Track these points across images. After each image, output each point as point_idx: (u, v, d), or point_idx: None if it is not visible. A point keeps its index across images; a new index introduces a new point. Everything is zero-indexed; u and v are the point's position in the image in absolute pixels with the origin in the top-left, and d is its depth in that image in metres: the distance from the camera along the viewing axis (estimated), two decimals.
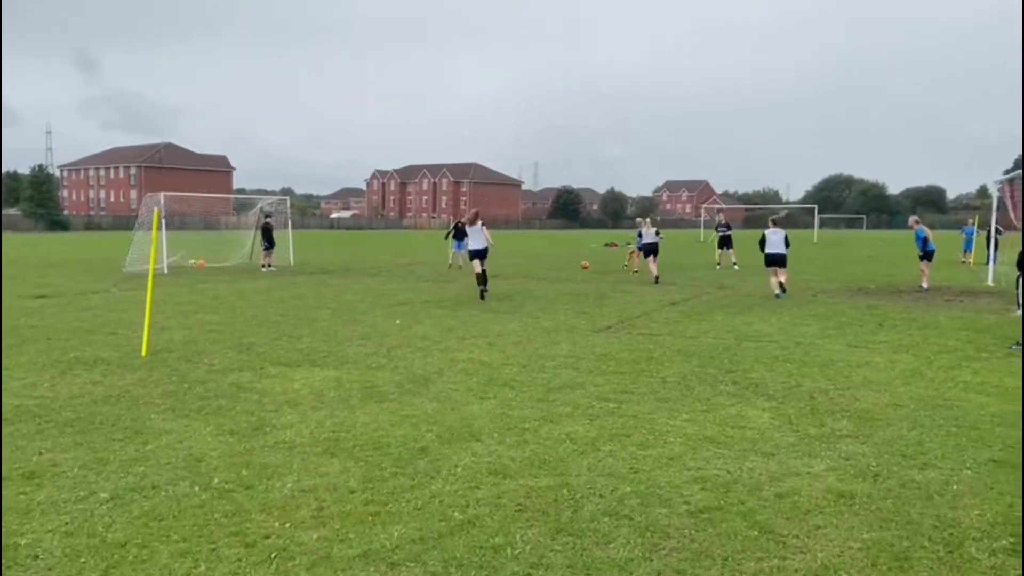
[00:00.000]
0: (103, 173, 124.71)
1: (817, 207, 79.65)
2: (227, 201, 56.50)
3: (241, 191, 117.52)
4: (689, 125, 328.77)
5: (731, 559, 3.99)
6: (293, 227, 31.32)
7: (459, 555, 4.02)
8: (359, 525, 4.40)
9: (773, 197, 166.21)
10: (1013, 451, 5.74)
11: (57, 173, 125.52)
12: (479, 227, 17.34)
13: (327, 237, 68.79)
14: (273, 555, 4.03)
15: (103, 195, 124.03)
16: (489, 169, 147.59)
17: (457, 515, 4.54)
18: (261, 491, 4.92)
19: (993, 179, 22.73)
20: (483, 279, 17.08)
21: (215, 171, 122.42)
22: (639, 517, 4.51)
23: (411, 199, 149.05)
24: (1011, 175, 20.65)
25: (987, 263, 21.42)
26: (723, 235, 26.98)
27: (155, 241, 10.69)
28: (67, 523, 4.42)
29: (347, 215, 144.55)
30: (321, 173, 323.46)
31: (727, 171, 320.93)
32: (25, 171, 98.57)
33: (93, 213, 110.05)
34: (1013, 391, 7.69)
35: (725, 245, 26.75)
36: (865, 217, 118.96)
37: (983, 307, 14.88)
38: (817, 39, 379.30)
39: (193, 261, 26.41)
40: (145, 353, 9.51)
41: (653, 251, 20.79)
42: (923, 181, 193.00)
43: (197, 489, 4.95)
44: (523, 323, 12.50)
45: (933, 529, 4.35)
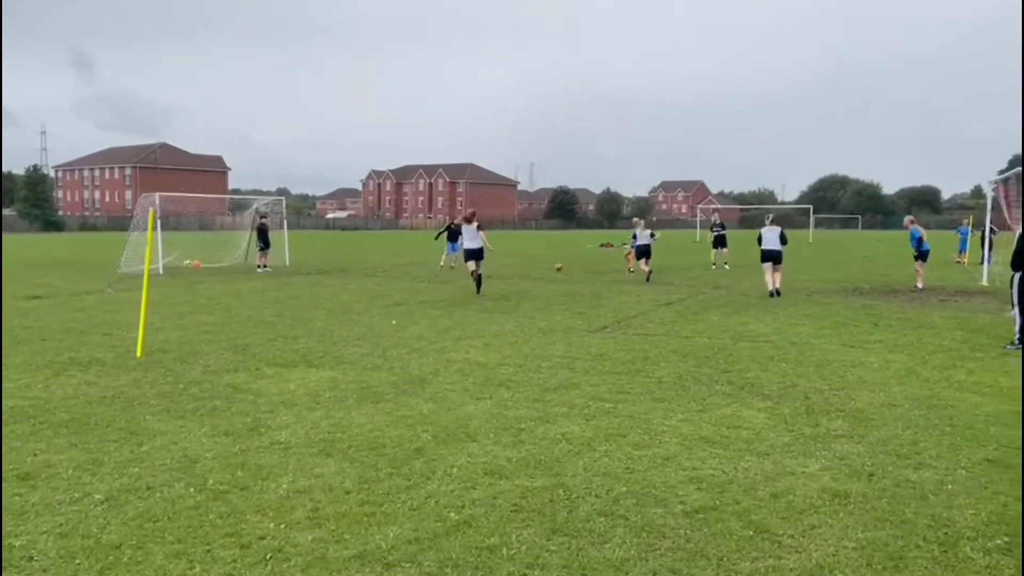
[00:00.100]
0: (98, 173, 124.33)
1: (812, 207, 79.83)
2: (223, 201, 56.40)
3: (237, 191, 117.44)
4: (686, 125, 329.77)
5: (726, 559, 4.00)
6: (289, 227, 31.31)
7: (455, 555, 4.02)
8: (355, 526, 4.40)
9: (768, 197, 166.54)
10: (1007, 451, 5.75)
11: (52, 173, 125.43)
12: (474, 227, 17.35)
13: (323, 237, 68.74)
14: (268, 556, 4.03)
15: (98, 195, 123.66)
16: (485, 169, 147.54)
17: (453, 516, 4.54)
18: (256, 492, 4.92)
19: (988, 179, 22.81)
20: (478, 280, 17.12)
21: (210, 171, 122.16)
22: (635, 517, 4.51)
23: (407, 199, 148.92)
24: (1006, 175, 20.70)
25: (982, 263, 21.48)
26: (717, 235, 27.10)
27: (150, 241, 10.67)
28: (62, 524, 4.41)
29: (343, 215, 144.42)
30: (317, 173, 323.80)
31: (723, 171, 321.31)
32: (20, 171, 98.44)
33: (88, 214, 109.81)
34: (1008, 391, 7.71)
35: (719, 245, 26.88)
36: (860, 217, 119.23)
37: (978, 307, 14.93)
38: (813, 40, 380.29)
39: (188, 262, 26.36)
40: (140, 354, 9.49)
41: (646, 253, 21.11)
42: (918, 181, 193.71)
43: (192, 490, 4.94)
44: (519, 323, 12.50)
45: (928, 528, 4.36)
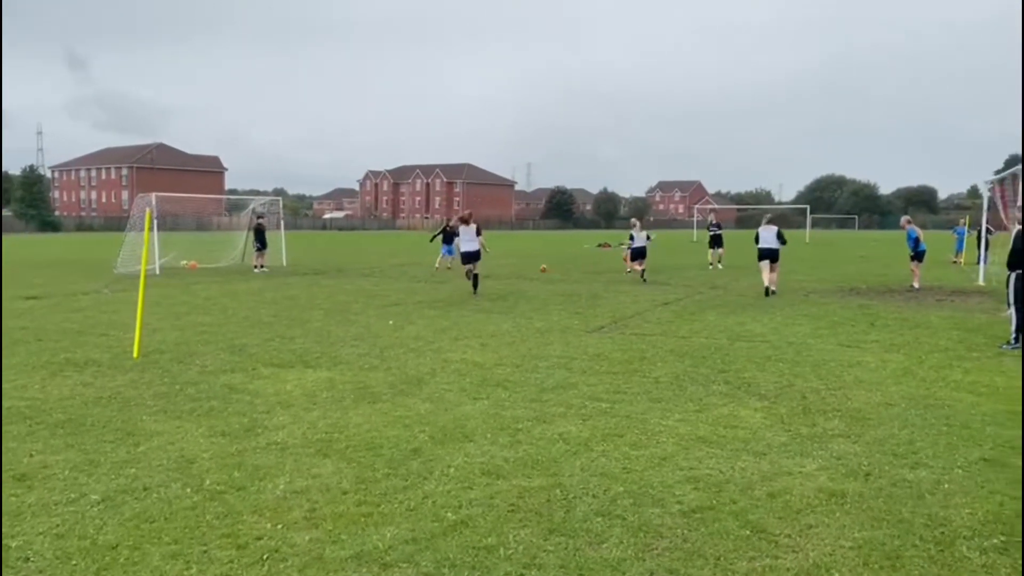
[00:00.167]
0: (94, 174, 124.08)
1: (809, 207, 79.98)
2: (219, 202, 56.33)
3: (233, 192, 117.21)
4: (683, 126, 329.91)
5: (723, 558, 4.00)
6: (286, 228, 31.27)
7: (452, 556, 4.02)
8: (352, 526, 4.39)
9: (765, 197, 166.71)
10: (1004, 450, 5.76)
11: (48, 174, 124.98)
12: (473, 229, 17.16)
13: (320, 238, 68.69)
14: (265, 557, 4.02)
15: (94, 196, 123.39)
16: (482, 169, 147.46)
17: (450, 516, 4.54)
18: (253, 492, 4.91)
19: (984, 179, 22.85)
20: (475, 280, 17.13)
21: (207, 172, 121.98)
22: (632, 517, 4.51)
23: (404, 199, 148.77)
24: (1002, 175, 20.75)
25: (978, 263, 21.53)
26: (714, 235, 27.22)
27: (147, 242, 10.65)
28: (58, 525, 4.40)
29: (340, 215, 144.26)
30: (314, 173, 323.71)
31: (720, 171, 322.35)
32: (16, 172, 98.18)
33: (84, 214, 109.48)
34: (1004, 390, 7.73)
35: (716, 245, 27.00)
36: (857, 217, 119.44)
37: (974, 306, 14.97)
38: (810, 40, 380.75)
39: (185, 262, 26.31)
40: (137, 354, 9.47)
41: (642, 255, 21.28)
42: (915, 181, 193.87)
43: (189, 491, 4.94)
44: (516, 323, 12.50)
45: (924, 528, 4.37)
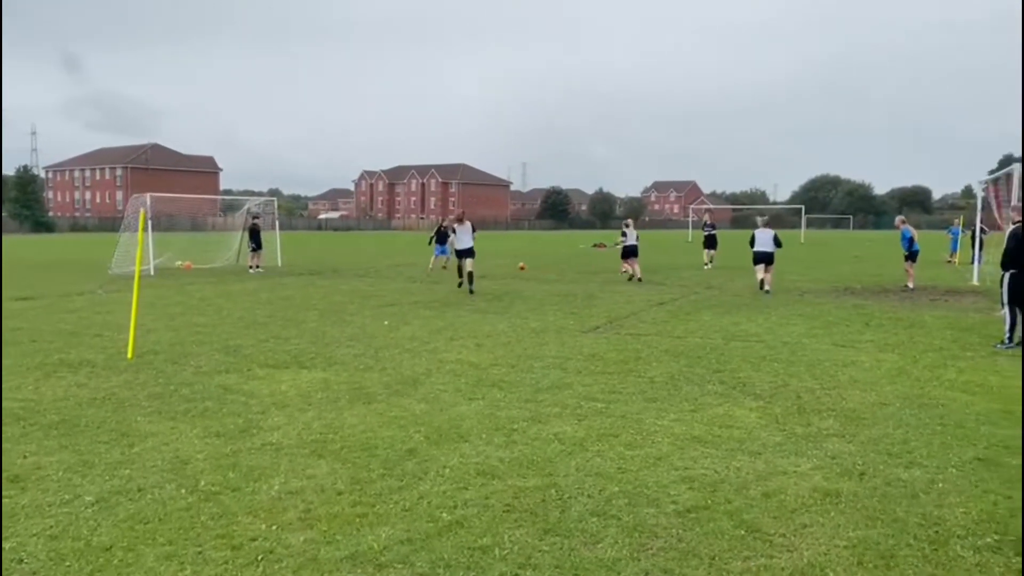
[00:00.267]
0: (89, 174, 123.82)
1: (804, 207, 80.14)
2: (214, 202, 56.34)
3: (228, 192, 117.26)
4: (678, 126, 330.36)
5: (718, 558, 4.01)
6: (280, 228, 31.22)
7: (447, 556, 4.02)
8: (347, 527, 4.39)
9: (760, 197, 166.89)
10: (998, 449, 5.78)
11: (42, 174, 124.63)
12: (468, 226, 17.96)
13: (315, 238, 68.61)
14: (260, 557, 4.01)
15: (89, 196, 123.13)
16: (477, 170, 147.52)
17: (445, 516, 4.54)
18: (248, 493, 4.90)
19: (978, 179, 22.92)
20: (470, 278, 17.49)
21: (202, 172, 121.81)
22: (627, 517, 4.52)
23: (399, 200, 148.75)
24: (996, 175, 20.80)
25: (972, 263, 21.59)
26: (708, 235, 27.30)
27: (141, 242, 10.63)
28: (52, 527, 4.39)
29: (335, 216, 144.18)
30: (309, 174, 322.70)
31: (715, 171, 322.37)
32: (10, 172, 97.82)
33: (79, 214, 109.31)
34: (998, 389, 7.75)
35: (710, 245, 27.05)
36: (852, 217, 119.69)
37: (968, 306, 15.01)
38: (806, 40, 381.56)
39: (180, 263, 26.27)
40: (131, 355, 9.45)
41: (634, 253, 21.46)
42: (909, 181, 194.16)
43: (183, 492, 4.92)
44: (511, 324, 12.50)
45: (918, 527, 4.38)
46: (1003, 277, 10.41)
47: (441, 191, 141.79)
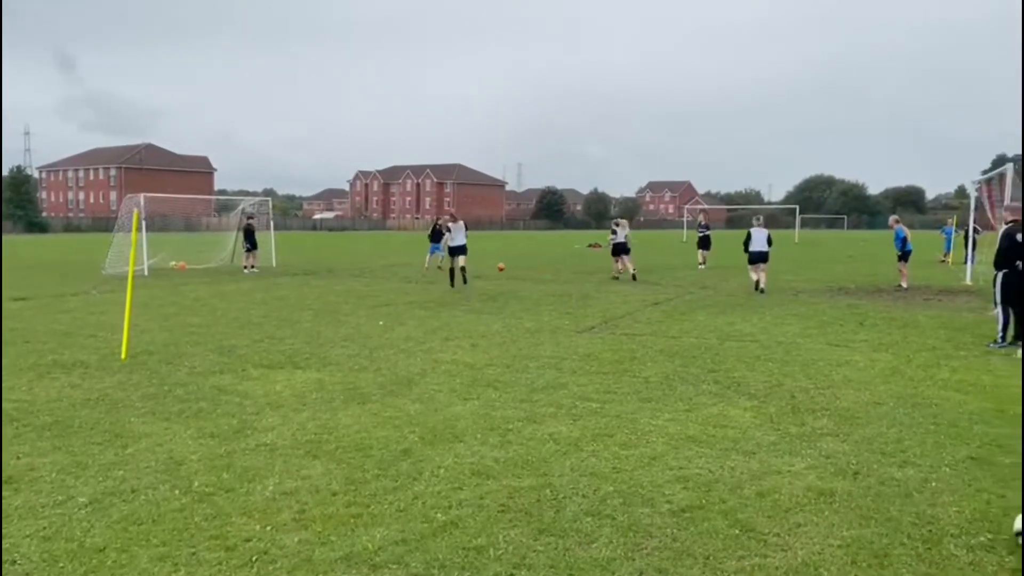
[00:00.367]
0: (82, 174, 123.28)
1: (798, 207, 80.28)
2: (208, 202, 56.17)
3: (223, 192, 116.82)
4: (673, 126, 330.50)
5: (712, 557, 4.01)
6: (275, 228, 31.18)
7: (441, 556, 4.02)
8: (341, 527, 4.38)
9: (755, 197, 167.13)
10: (991, 448, 5.81)
11: (36, 174, 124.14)
12: (461, 225, 18.93)
13: (310, 238, 68.50)
14: (254, 558, 4.01)
15: (82, 196, 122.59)
16: (472, 170, 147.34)
17: (440, 516, 4.54)
18: (242, 494, 4.89)
19: (971, 179, 23.02)
20: (463, 276, 18.24)
21: (196, 172, 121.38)
22: (621, 517, 4.52)
23: (394, 200, 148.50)
24: (989, 175, 20.89)
25: (965, 262, 21.67)
26: (701, 235, 27.36)
27: (135, 243, 10.60)
28: (45, 528, 4.37)
29: (330, 216, 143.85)
30: (303, 174, 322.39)
31: (710, 171, 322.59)
32: (3, 172, 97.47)
33: (72, 215, 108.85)
34: (991, 388, 7.78)
35: (703, 246, 27.11)
36: (846, 217, 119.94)
37: (961, 306, 15.06)
38: (801, 40, 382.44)
39: (174, 263, 26.20)
40: (125, 356, 9.42)
41: (624, 250, 21.79)
42: (903, 181, 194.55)
43: (177, 493, 4.91)
44: (506, 324, 12.50)
45: (912, 526, 4.40)
46: (996, 277, 10.45)
47: (436, 191, 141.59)
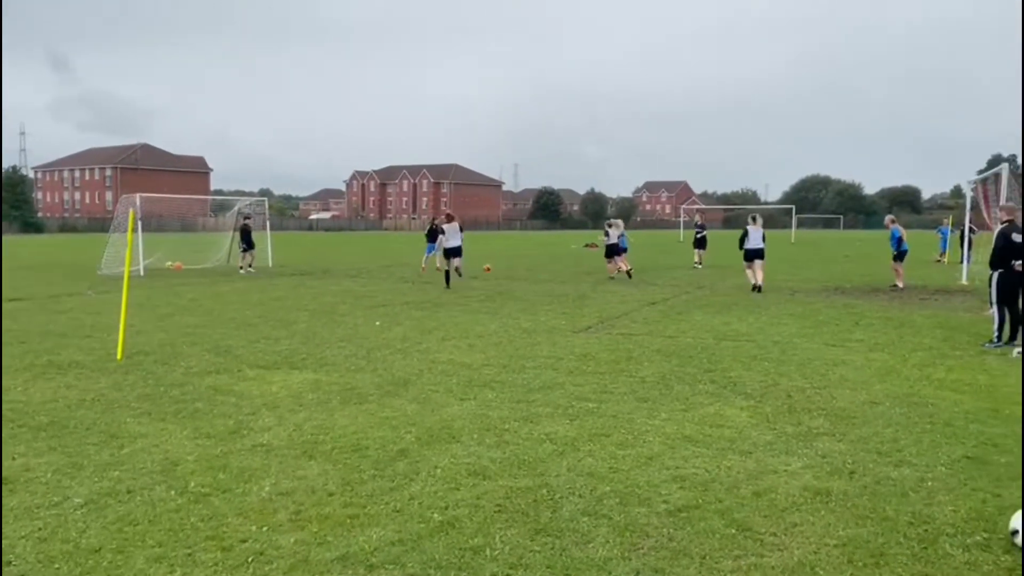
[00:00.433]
0: (78, 174, 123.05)
1: (795, 207, 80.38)
2: (204, 202, 56.04)
3: (219, 192, 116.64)
4: (670, 126, 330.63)
5: (709, 557, 4.02)
6: (271, 228, 31.13)
7: (438, 557, 4.02)
8: (337, 528, 4.38)
9: (752, 197, 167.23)
10: (986, 448, 5.82)
11: (31, 174, 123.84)
12: (456, 226, 19.05)
13: (306, 239, 68.43)
14: (250, 559, 4.00)
15: (78, 197, 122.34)
16: (469, 170, 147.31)
17: (436, 517, 4.53)
18: (238, 495, 4.89)
19: (967, 179, 23.06)
20: (457, 271, 18.86)
21: (192, 172, 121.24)
22: (618, 516, 4.52)
23: (391, 200, 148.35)
24: (984, 175, 20.94)
25: (961, 262, 21.71)
26: (698, 235, 27.43)
27: (130, 243, 10.57)
28: (40, 528, 4.36)
29: (326, 216, 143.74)
30: (300, 174, 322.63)
31: (707, 172, 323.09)
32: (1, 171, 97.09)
33: (68, 215, 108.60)
34: (987, 388, 7.80)
35: (699, 245, 27.17)
36: (842, 217, 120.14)
37: (957, 305, 15.10)
38: (798, 40, 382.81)
39: (170, 263, 26.16)
40: (120, 356, 9.40)
41: (615, 252, 22.03)
42: (899, 181, 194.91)
43: (173, 493, 4.90)
44: (503, 324, 12.50)
45: (908, 525, 4.40)
46: (991, 276, 10.47)
47: (433, 191, 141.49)
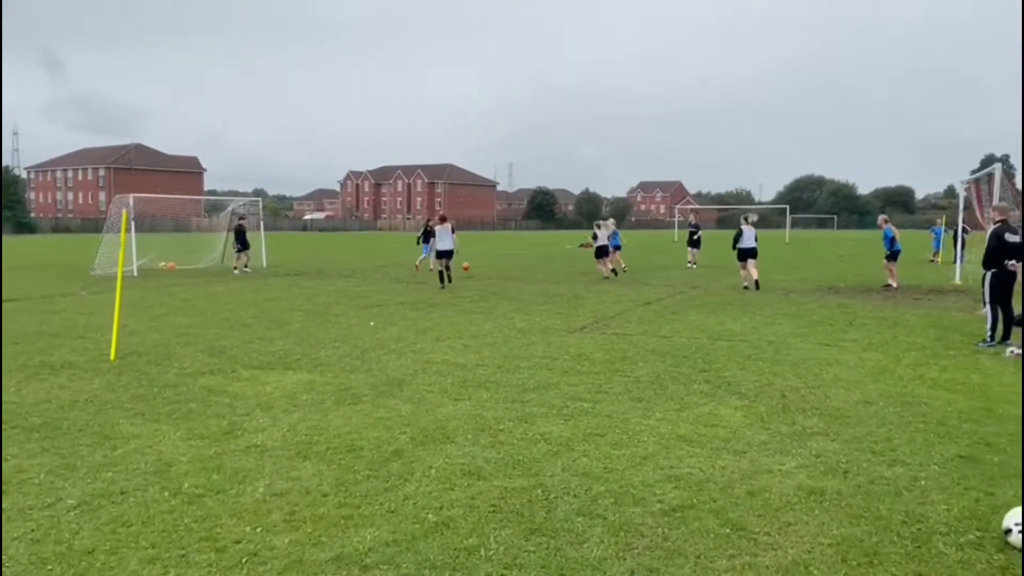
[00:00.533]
0: (71, 175, 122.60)
1: (789, 207, 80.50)
2: (198, 203, 55.81)
3: (213, 192, 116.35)
4: (665, 126, 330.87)
5: (703, 556, 4.02)
6: (266, 229, 31.05)
7: (433, 557, 4.01)
8: (332, 528, 4.37)
9: (746, 197, 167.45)
10: (979, 447, 5.84)
11: (24, 175, 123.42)
12: (448, 228, 19.11)
13: (300, 239, 68.32)
14: (244, 560, 3.99)
15: (71, 197, 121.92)
16: (464, 170, 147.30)
17: (431, 517, 4.53)
18: (232, 495, 4.87)
19: (960, 179, 23.12)
20: (448, 278, 18.87)
21: (186, 172, 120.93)
22: (613, 516, 4.53)
23: (385, 200, 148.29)
24: (977, 175, 21.02)
25: (954, 262, 21.79)
26: (693, 235, 27.47)
27: (124, 243, 10.55)
28: (33, 530, 4.35)
29: (321, 216, 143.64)
30: (294, 174, 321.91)
31: (701, 172, 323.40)
32: None
33: (61, 215, 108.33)
34: (980, 387, 7.83)
35: (694, 245, 27.22)
36: (836, 217, 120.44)
37: (951, 305, 15.15)
38: (795, 40, 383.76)
39: (163, 263, 26.09)
40: (114, 357, 9.37)
41: (604, 253, 22.29)
42: (892, 181, 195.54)
43: (167, 494, 4.89)
44: (498, 324, 12.50)
45: (901, 524, 4.42)
46: (985, 276, 10.51)
47: (427, 191, 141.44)
